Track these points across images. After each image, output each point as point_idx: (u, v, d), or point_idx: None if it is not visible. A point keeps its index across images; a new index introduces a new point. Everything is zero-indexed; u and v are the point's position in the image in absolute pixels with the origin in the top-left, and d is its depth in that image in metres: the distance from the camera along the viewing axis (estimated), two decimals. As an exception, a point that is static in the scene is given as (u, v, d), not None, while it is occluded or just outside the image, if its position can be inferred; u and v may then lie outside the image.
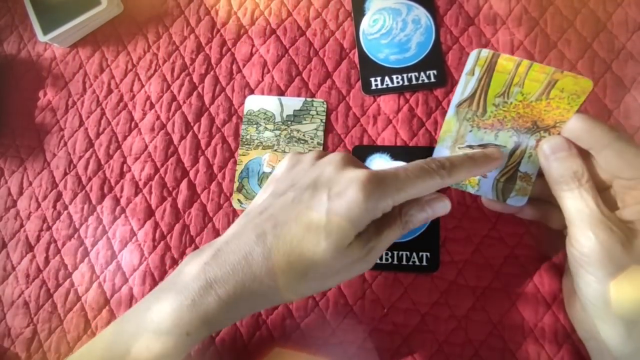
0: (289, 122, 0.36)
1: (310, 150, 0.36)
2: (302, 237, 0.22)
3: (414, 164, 0.24)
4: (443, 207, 0.26)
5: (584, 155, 0.25)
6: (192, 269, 0.23)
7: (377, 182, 0.22)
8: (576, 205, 0.24)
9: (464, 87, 0.26)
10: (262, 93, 0.37)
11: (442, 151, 0.28)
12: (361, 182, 0.22)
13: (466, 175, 0.25)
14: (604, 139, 0.24)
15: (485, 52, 0.25)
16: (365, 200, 0.22)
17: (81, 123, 0.39)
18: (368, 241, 0.23)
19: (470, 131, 0.27)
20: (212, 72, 0.38)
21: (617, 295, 0.22)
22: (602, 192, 0.26)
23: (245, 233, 0.23)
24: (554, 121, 0.25)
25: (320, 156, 0.26)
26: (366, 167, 0.24)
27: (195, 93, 0.38)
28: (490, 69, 0.25)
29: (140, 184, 0.37)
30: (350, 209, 0.22)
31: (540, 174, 0.27)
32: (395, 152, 0.35)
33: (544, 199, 0.28)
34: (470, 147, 0.28)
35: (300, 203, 0.23)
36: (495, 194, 0.28)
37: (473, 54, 0.25)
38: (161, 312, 0.23)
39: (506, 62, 0.25)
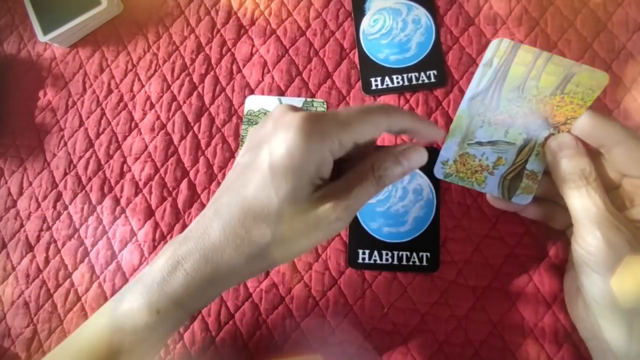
0: (289, 122, 0.36)
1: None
2: (253, 197, 0.21)
3: (355, 105, 0.23)
4: (420, 156, 0.24)
5: (592, 154, 0.25)
6: (166, 253, 0.23)
7: (316, 120, 0.21)
8: (583, 204, 0.23)
9: (480, 79, 0.26)
10: (262, 93, 0.37)
11: (451, 147, 0.28)
12: (297, 124, 0.20)
13: (411, 124, 0.24)
14: (615, 136, 0.24)
15: (506, 43, 0.24)
16: (305, 141, 0.20)
17: (81, 123, 0.39)
18: (337, 197, 0.22)
19: (481, 127, 0.27)
20: (212, 72, 0.38)
21: (619, 287, 0.22)
22: (611, 191, 0.26)
23: (207, 209, 0.23)
24: (565, 118, 0.25)
25: (269, 114, 0.24)
26: (306, 111, 0.23)
27: (195, 93, 0.38)
28: (508, 60, 0.25)
29: (141, 184, 0.37)
30: (291, 155, 0.20)
31: (546, 173, 0.27)
32: (395, 152, 0.35)
33: (549, 198, 0.28)
34: (480, 143, 0.27)
35: (247, 166, 0.22)
36: (501, 192, 0.28)
37: (493, 44, 0.24)
38: (133, 294, 0.23)
39: (526, 53, 0.24)
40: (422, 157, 0.24)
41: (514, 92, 0.25)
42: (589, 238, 0.23)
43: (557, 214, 0.28)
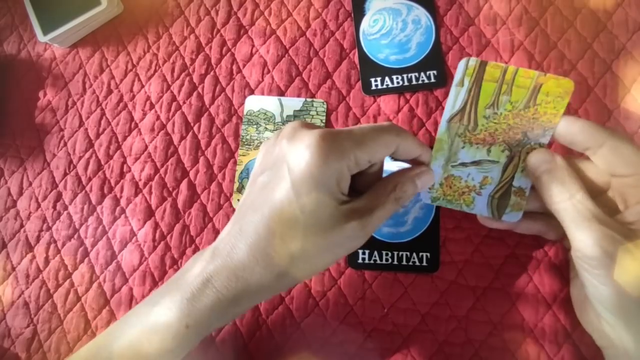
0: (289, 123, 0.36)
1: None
2: (278, 218, 0.22)
3: (367, 124, 0.24)
4: (430, 179, 0.27)
5: (575, 162, 0.25)
6: (195, 269, 0.24)
7: (332, 138, 0.22)
8: (571, 215, 0.23)
9: (455, 99, 0.26)
10: (262, 93, 0.37)
11: (436, 170, 0.28)
12: (314, 144, 0.21)
13: (414, 146, 0.26)
14: (598, 137, 0.24)
15: (473, 61, 0.25)
16: (324, 159, 0.21)
17: (81, 123, 0.39)
18: (360, 217, 0.23)
19: (463, 147, 0.27)
20: (212, 73, 0.38)
21: (621, 273, 0.22)
22: (600, 196, 0.25)
23: (232, 227, 0.24)
24: (543, 129, 0.25)
25: (280, 130, 0.25)
26: (319, 127, 0.24)
27: (195, 93, 0.38)
28: (478, 78, 0.25)
29: (140, 184, 0.37)
30: (312, 172, 0.21)
31: (534, 188, 0.27)
32: (395, 152, 0.35)
33: (540, 211, 0.28)
34: (464, 164, 0.27)
35: (267, 186, 0.23)
36: (490, 211, 0.28)
37: (461, 64, 0.25)
38: (162, 306, 0.23)
39: (493, 69, 0.25)
40: (432, 179, 0.27)
41: (489, 109, 0.26)
42: (586, 250, 0.22)
43: (551, 226, 0.28)
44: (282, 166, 0.22)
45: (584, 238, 0.22)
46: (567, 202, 0.23)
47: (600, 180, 0.25)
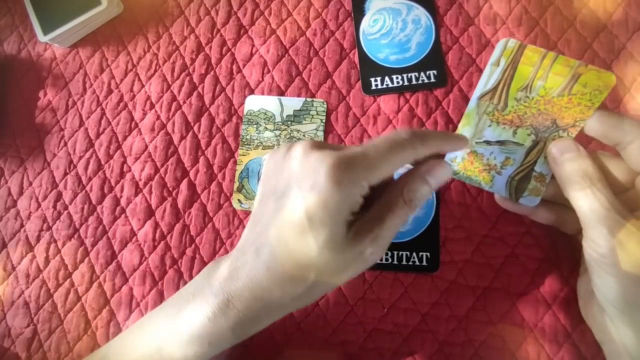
0: (289, 122, 0.36)
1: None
2: (293, 244, 0.22)
3: (382, 138, 0.23)
4: (445, 171, 0.24)
5: (595, 156, 0.25)
6: (213, 283, 0.24)
7: (345, 166, 0.21)
8: (590, 206, 0.23)
9: (488, 78, 0.26)
10: (262, 93, 0.37)
11: None
12: (328, 171, 0.21)
13: (438, 146, 0.24)
14: (630, 133, 0.23)
15: (513, 42, 0.24)
16: (337, 188, 0.21)
17: (81, 123, 0.39)
18: (370, 231, 0.22)
19: (489, 126, 0.27)
20: (212, 72, 0.38)
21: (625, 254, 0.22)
22: (621, 194, 0.25)
23: (247, 247, 0.24)
24: (573, 119, 0.25)
25: (289, 147, 0.24)
26: (332, 148, 0.23)
27: (195, 93, 0.38)
28: (515, 60, 0.25)
29: (141, 184, 0.37)
30: (325, 202, 0.21)
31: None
32: (395, 152, 0.35)
33: (559, 201, 0.28)
34: (488, 142, 0.27)
35: (281, 209, 0.23)
36: (508, 192, 0.28)
37: (500, 44, 0.25)
38: (184, 322, 0.24)
39: (532, 53, 0.24)
40: (448, 170, 0.25)
41: (521, 92, 0.25)
42: (600, 240, 0.22)
43: (567, 217, 0.28)
44: (294, 191, 0.22)
45: (598, 226, 0.23)
46: (586, 190, 0.23)
47: (624, 178, 0.25)
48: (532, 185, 0.27)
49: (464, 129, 0.28)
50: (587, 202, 0.23)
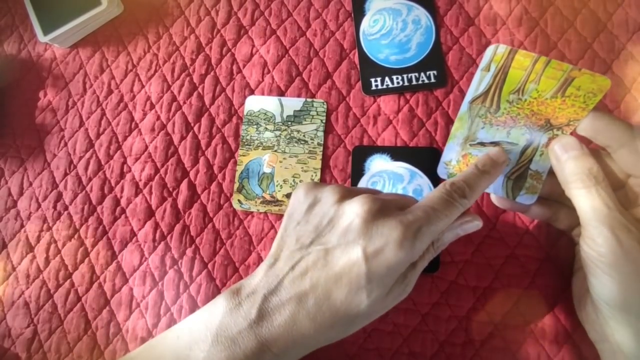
0: (289, 123, 0.36)
1: (309, 153, 0.36)
2: (344, 298, 0.22)
3: (436, 198, 0.24)
4: (475, 227, 0.26)
5: (596, 154, 0.25)
6: (240, 323, 0.23)
7: (413, 236, 0.22)
8: (592, 204, 0.23)
9: (479, 83, 0.26)
10: (262, 93, 0.37)
11: (453, 148, 0.28)
12: (398, 241, 0.22)
13: (482, 191, 0.26)
14: (622, 137, 0.24)
15: (503, 48, 0.24)
16: (405, 256, 0.22)
17: (81, 123, 0.39)
18: (405, 277, 0.24)
19: (483, 128, 0.27)
20: (212, 73, 0.38)
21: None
22: (617, 190, 0.25)
23: (284, 290, 0.23)
24: (567, 119, 0.25)
25: (343, 197, 0.25)
26: (395, 211, 0.24)
27: (195, 93, 0.38)
28: (506, 65, 0.25)
29: (141, 184, 0.37)
30: (390, 267, 0.22)
31: (551, 173, 0.27)
32: (395, 152, 0.35)
33: (553, 198, 0.28)
34: (482, 144, 0.27)
35: (335, 262, 0.23)
36: (505, 192, 0.28)
37: (490, 50, 0.25)
38: None
39: (523, 58, 0.24)
40: (478, 226, 0.26)
41: (514, 95, 0.25)
42: (600, 239, 0.23)
43: (562, 214, 0.28)
44: (355, 249, 0.22)
45: (600, 226, 0.23)
46: (590, 189, 0.23)
47: (620, 174, 0.25)
48: (528, 183, 0.28)
49: (457, 132, 0.28)
50: (589, 201, 0.23)
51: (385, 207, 0.24)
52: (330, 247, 0.23)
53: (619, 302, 0.23)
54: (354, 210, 0.23)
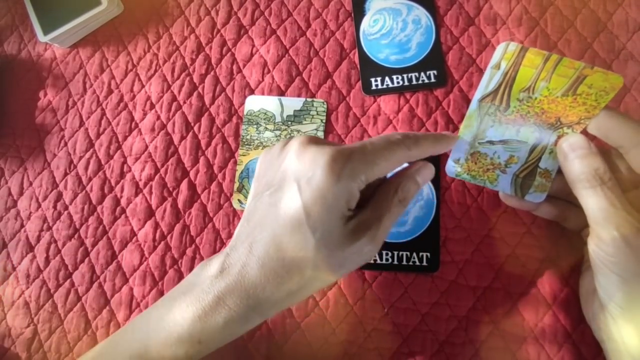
0: (289, 123, 0.36)
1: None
2: (289, 239, 0.22)
3: (378, 137, 0.23)
4: (431, 172, 0.26)
5: (606, 154, 0.25)
6: (204, 281, 0.24)
7: (344, 160, 0.21)
8: (599, 204, 0.23)
9: (489, 80, 0.25)
10: (263, 93, 0.37)
11: (462, 146, 0.28)
12: (327, 164, 0.21)
13: (430, 148, 0.25)
14: (635, 136, 0.23)
15: (513, 46, 0.24)
16: (336, 181, 0.21)
17: (81, 123, 0.39)
18: (369, 228, 0.23)
19: (492, 126, 0.27)
20: (212, 72, 0.38)
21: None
22: (629, 192, 0.25)
23: (240, 243, 0.24)
24: (578, 117, 0.25)
25: (285, 144, 0.25)
26: (329, 144, 0.23)
27: (195, 93, 0.38)
28: (517, 63, 0.24)
29: (141, 184, 0.37)
30: (323, 196, 0.21)
31: (560, 171, 0.26)
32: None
33: (563, 197, 0.28)
34: (491, 142, 0.27)
35: (276, 204, 0.22)
36: (513, 190, 0.28)
37: (500, 47, 0.24)
38: (174, 321, 0.23)
39: (534, 56, 0.24)
40: (432, 172, 0.26)
41: (524, 93, 0.25)
42: (607, 239, 0.22)
43: (571, 213, 0.28)
44: (291, 184, 0.22)
45: (606, 224, 0.23)
46: (597, 189, 0.23)
47: (631, 177, 0.25)
48: (537, 181, 0.27)
49: (466, 130, 0.27)
50: (596, 200, 0.23)
51: (321, 140, 0.24)
52: (273, 190, 0.23)
53: (626, 301, 0.23)
54: (290, 147, 0.23)
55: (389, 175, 0.26)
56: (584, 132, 0.25)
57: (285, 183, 0.22)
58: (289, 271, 0.22)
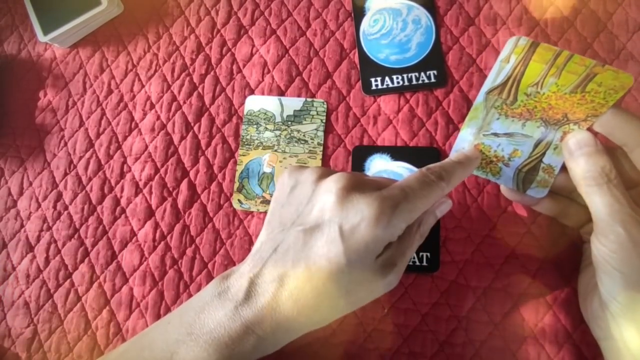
0: (289, 123, 0.36)
1: (309, 153, 0.36)
2: (325, 281, 0.22)
3: (415, 180, 0.24)
4: (448, 207, 0.27)
5: (610, 151, 0.25)
6: (227, 306, 0.23)
7: (391, 212, 0.22)
8: (605, 201, 0.23)
9: (497, 74, 0.25)
10: (263, 93, 0.37)
11: (466, 137, 0.28)
12: (374, 216, 0.22)
13: (460, 179, 0.26)
14: (638, 136, 0.23)
15: (524, 40, 0.24)
16: (382, 232, 0.22)
17: (81, 123, 0.39)
18: (395, 264, 0.24)
19: (498, 119, 0.27)
20: (212, 72, 0.38)
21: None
22: (631, 189, 0.25)
23: (267, 271, 0.23)
24: (585, 115, 0.25)
25: (320, 176, 0.25)
26: (371, 188, 0.23)
27: (195, 93, 0.38)
28: (527, 57, 0.24)
29: (141, 184, 0.37)
30: (367, 244, 0.22)
31: (563, 168, 0.26)
32: (395, 152, 0.35)
33: (564, 194, 0.28)
34: (496, 134, 0.27)
35: (314, 243, 0.23)
36: (515, 184, 0.28)
37: (511, 41, 0.24)
38: (193, 349, 0.23)
39: (545, 51, 0.24)
40: (449, 206, 0.27)
41: (532, 88, 0.25)
42: (612, 235, 0.23)
43: (571, 210, 0.28)
44: (332, 227, 0.22)
45: (612, 223, 0.23)
46: (603, 186, 0.23)
47: (634, 175, 0.25)
48: (540, 177, 0.27)
49: (471, 122, 0.27)
50: (602, 198, 0.23)
51: (362, 184, 0.24)
52: (308, 228, 0.23)
53: (628, 298, 0.23)
54: (329, 187, 0.23)
55: None
56: (589, 130, 0.25)
57: (325, 225, 0.22)
58: (320, 309, 0.23)
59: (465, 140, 0.28)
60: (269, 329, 0.23)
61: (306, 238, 0.23)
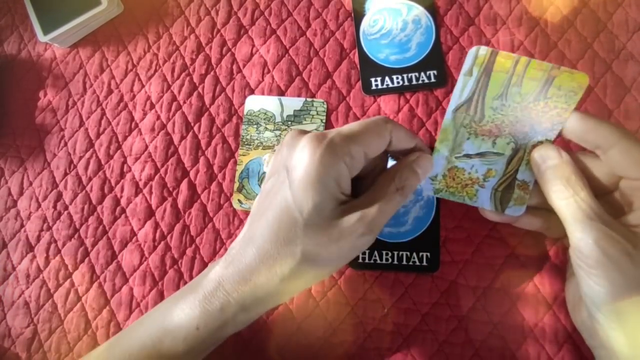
0: (289, 122, 0.36)
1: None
2: (280, 222, 0.23)
3: (357, 123, 0.24)
4: (430, 163, 0.26)
5: (581, 160, 0.25)
6: (210, 274, 0.25)
7: (322, 138, 0.22)
8: (573, 215, 0.23)
9: (462, 89, 0.25)
10: (263, 93, 0.37)
11: (439, 162, 0.27)
12: (307, 144, 0.22)
13: (405, 138, 0.25)
14: (610, 137, 0.23)
15: (484, 50, 0.24)
16: (318, 157, 0.22)
17: (81, 123, 0.39)
18: (365, 216, 0.23)
19: (468, 138, 0.26)
20: (212, 72, 0.38)
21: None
22: (606, 196, 0.25)
23: (244, 234, 0.25)
24: (551, 123, 0.25)
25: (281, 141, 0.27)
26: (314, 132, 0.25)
27: (195, 93, 0.38)
28: (488, 68, 0.24)
29: (141, 184, 0.37)
30: (307, 172, 0.22)
31: (538, 182, 0.26)
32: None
33: (544, 207, 0.28)
34: (468, 156, 0.27)
35: (270, 192, 0.24)
36: (493, 204, 0.28)
37: (471, 53, 0.24)
38: (176, 308, 0.25)
39: (504, 59, 0.24)
40: (431, 163, 0.26)
41: (497, 101, 0.25)
42: (584, 248, 0.22)
43: (552, 222, 0.28)
44: (282, 171, 0.23)
45: (583, 236, 0.22)
46: (570, 200, 0.23)
47: (608, 180, 0.25)
48: (516, 194, 0.27)
49: (442, 144, 0.27)
50: (570, 212, 0.23)
51: (307, 131, 0.25)
52: (271, 183, 0.25)
53: (613, 311, 0.22)
54: (284, 140, 0.25)
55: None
56: (560, 139, 0.25)
57: (279, 172, 0.24)
58: (280, 252, 0.23)
59: (438, 165, 0.27)
60: (236, 284, 0.24)
61: (267, 190, 0.25)
